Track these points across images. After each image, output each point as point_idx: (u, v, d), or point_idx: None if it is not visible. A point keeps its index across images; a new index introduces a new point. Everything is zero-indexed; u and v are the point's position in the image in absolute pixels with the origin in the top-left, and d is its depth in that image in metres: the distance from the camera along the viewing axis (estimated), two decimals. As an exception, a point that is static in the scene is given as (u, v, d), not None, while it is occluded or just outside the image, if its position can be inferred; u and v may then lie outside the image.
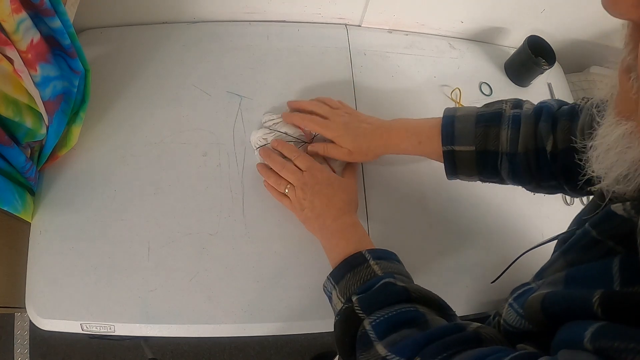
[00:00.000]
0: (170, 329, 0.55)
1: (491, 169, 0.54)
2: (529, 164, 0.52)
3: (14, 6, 0.41)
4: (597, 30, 0.83)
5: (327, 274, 0.59)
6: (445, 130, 0.55)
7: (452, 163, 0.56)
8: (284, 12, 0.76)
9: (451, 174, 0.58)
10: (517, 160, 0.52)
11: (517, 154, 0.52)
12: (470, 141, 0.53)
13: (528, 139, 0.51)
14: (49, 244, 0.57)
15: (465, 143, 0.54)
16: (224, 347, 1.25)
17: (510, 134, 0.52)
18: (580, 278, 0.30)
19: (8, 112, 0.47)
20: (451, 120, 0.55)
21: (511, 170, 0.53)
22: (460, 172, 0.56)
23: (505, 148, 0.52)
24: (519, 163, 0.52)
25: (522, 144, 0.51)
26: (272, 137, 0.65)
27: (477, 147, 0.53)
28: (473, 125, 0.53)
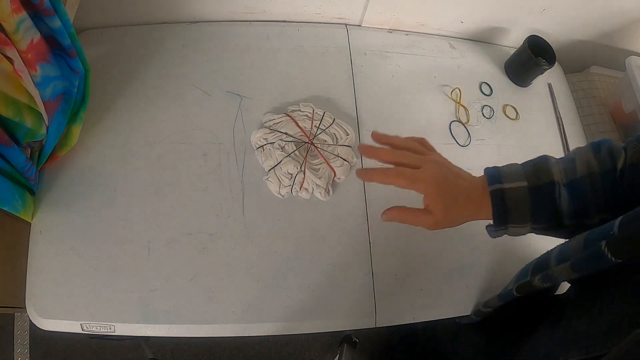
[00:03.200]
0: (170, 329, 0.55)
1: (548, 205, 0.45)
2: (595, 188, 0.44)
3: (14, 6, 0.41)
4: (597, 30, 0.83)
5: (326, 274, 0.59)
6: (489, 172, 0.48)
7: (502, 206, 0.46)
8: (284, 12, 0.76)
9: (500, 223, 0.47)
10: (579, 185, 0.45)
11: (578, 180, 0.45)
12: (520, 177, 0.46)
13: (589, 162, 0.45)
14: (49, 244, 0.57)
15: (514, 179, 0.46)
16: (224, 347, 1.25)
17: (564, 166, 0.46)
18: None
19: (8, 112, 0.47)
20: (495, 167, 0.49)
21: (572, 199, 0.45)
22: (511, 218, 0.46)
23: (560, 178, 0.45)
24: (581, 188, 0.44)
25: (582, 169, 0.45)
26: (272, 137, 0.65)
27: (529, 183, 0.46)
28: (519, 165, 0.48)
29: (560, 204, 0.45)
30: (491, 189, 0.46)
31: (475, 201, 0.48)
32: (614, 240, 0.33)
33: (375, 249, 0.62)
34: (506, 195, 0.46)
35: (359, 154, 0.68)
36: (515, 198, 0.46)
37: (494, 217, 0.47)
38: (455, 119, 0.76)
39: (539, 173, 0.46)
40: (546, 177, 0.45)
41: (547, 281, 0.42)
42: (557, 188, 0.45)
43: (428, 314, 0.61)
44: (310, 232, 0.62)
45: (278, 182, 0.62)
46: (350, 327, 0.59)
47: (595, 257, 0.35)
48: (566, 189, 0.45)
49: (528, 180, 0.46)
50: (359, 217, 0.64)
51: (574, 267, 0.38)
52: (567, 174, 0.45)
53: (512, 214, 0.46)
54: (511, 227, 0.47)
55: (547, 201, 0.45)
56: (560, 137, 0.80)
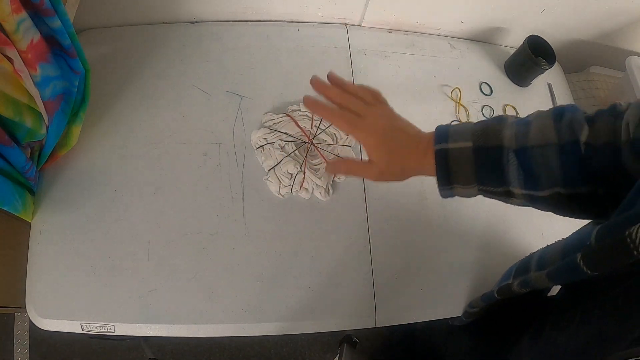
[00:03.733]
0: (170, 329, 0.55)
1: (494, 169, 0.43)
2: (547, 159, 0.41)
3: (14, 6, 0.41)
4: (597, 30, 0.83)
5: (326, 274, 0.59)
6: (438, 131, 0.47)
7: (445, 166, 0.45)
8: (284, 12, 0.76)
9: (444, 184, 0.46)
10: (529, 154, 0.41)
11: (529, 148, 0.41)
12: (467, 137, 0.44)
13: (545, 131, 0.41)
14: (49, 244, 0.57)
15: (461, 139, 0.44)
16: (224, 347, 1.25)
17: (517, 129, 0.43)
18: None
19: (8, 112, 0.47)
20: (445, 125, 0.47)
21: (521, 167, 0.42)
22: (455, 179, 0.45)
23: (511, 144, 0.42)
24: (532, 158, 0.41)
25: (536, 137, 0.41)
26: (272, 137, 0.65)
27: (474, 143, 0.43)
28: (470, 125, 0.45)
29: (507, 171, 0.43)
30: (435, 148, 0.45)
31: (418, 155, 0.47)
32: (589, 254, 0.32)
33: (375, 249, 0.62)
34: (449, 155, 0.44)
35: (359, 154, 0.68)
36: (458, 158, 0.44)
37: (437, 177, 0.45)
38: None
39: (488, 134, 0.43)
40: (495, 139, 0.43)
41: (525, 287, 0.42)
42: (505, 153, 0.42)
43: (428, 314, 0.61)
44: (310, 232, 0.62)
45: (278, 182, 0.62)
46: (350, 327, 0.59)
47: (570, 269, 0.34)
48: (515, 155, 0.42)
49: (474, 140, 0.43)
50: (359, 217, 0.64)
51: (550, 277, 0.37)
52: (519, 139, 0.42)
53: (455, 175, 0.44)
54: (456, 187, 0.45)
55: (493, 165, 0.43)
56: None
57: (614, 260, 0.30)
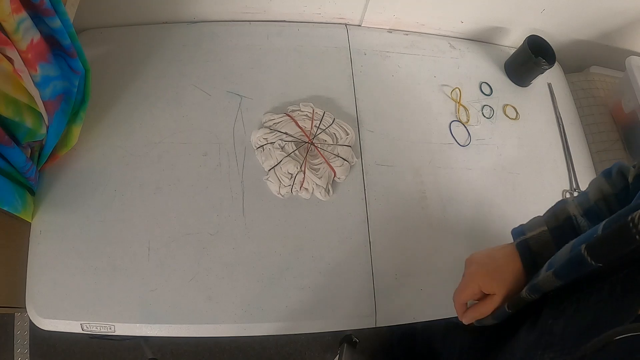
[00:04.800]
0: (170, 329, 0.55)
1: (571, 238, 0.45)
2: (611, 208, 0.46)
3: (14, 6, 0.41)
4: (597, 30, 0.83)
5: (326, 274, 0.59)
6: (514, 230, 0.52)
7: (529, 255, 0.48)
8: (284, 12, 0.76)
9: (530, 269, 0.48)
10: (594, 210, 0.47)
11: (592, 206, 0.47)
12: (541, 224, 0.49)
13: (601, 187, 0.47)
14: (49, 244, 0.57)
15: (535, 228, 0.49)
16: (224, 347, 1.25)
17: (578, 200, 0.49)
18: None
19: (8, 112, 0.47)
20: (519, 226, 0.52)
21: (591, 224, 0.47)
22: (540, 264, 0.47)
23: (578, 211, 0.48)
24: (597, 212, 0.47)
25: (594, 194, 0.47)
26: (272, 137, 0.65)
27: (549, 225, 0.49)
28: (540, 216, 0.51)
29: (581, 232, 0.46)
30: (516, 243, 0.50)
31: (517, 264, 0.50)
32: (593, 243, 0.33)
33: (375, 249, 0.62)
34: (530, 243, 0.49)
35: (359, 154, 0.68)
36: (539, 243, 0.48)
37: (524, 266, 0.48)
38: (455, 119, 0.76)
39: (557, 214, 0.49)
40: (563, 214, 0.48)
41: (534, 292, 0.42)
42: (575, 220, 0.47)
43: (428, 314, 0.61)
44: (310, 232, 0.62)
45: (278, 182, 0.62)
46: (350, 327, 0.59)
47: (576, 261, 0.35)
48: (584, 218, 0.47)
49: (548, 223, 0.49)
50: (359, 217, 0.64)
51: (557, 274, 0.38)
52: (582, 205, 0.48)
53: (539, 258, 0.48)
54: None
55: (569, 235, 0.46)
56: (560, 136, 0.80)
57: (616, 247, 0.31)
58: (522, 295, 0.44)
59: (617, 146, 0.80)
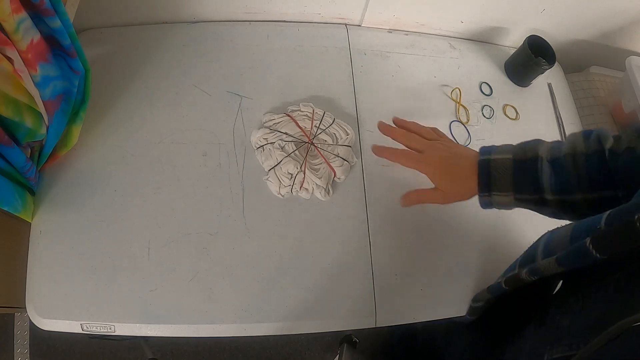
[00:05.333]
0: (170, 329, 0.55)
1: (530, 176, 0.49)
2: (577, 165, 0.47)
3: (14, 6, 0.41)
4: (597, 30, 0.83)
5: (326, 274, 0.59)
6: (482, 148, 0.54)
7: (486, 174, 0.51)
8: (284, 12, 0.76)
9: (484, 189, 0.52)
10: (562, 162, 0.48)
11: (561, 157, 0.48)
12: (508, 152, 0.51)
13: (575, 144, 0.48)
14: (49, 244, 0.57)
15: (503, 153, 0.51)
16: (224, 347, 1.25)
17: (552, 146, 0.50)
18: None
19: (8, 112, 0.47)
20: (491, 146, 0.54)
21: (554, 173, 0.48)
22: (494, 186, 0.51)
23: (546, 155, 0.49)
24: (564, 164, 0.47)
25: (567, 148, 0.48)
26: (272, 137, 0.65)
27: (514, 156, 0.50)
28: (512, 144, 0.53)
29: (541, 177, 0.48)
30: (479, 159, 0.52)
31: (474, 175, 0.53)
32: (598, 237, 0.33)
33: (375, 249, 0.62)
34: (491, 165, 0.51)
35: (359, 154, 0.68)
36: (499, 167, 0.51)
37: (478, 183, 0.52)
38: (455, 119, 0.76)
39: (526, 149, 0.50)
40: (532, 152, 0.50)
41: (534, 275, 0.42)
42: (540, 162, 0.49)
43: (428, 314, 0.61)
44: (310, 232, 0.62)
45: (278, 182, 0.62)
46: (350, 327, 0.59)
47: (580, 253, 0.35)
48: (549, 164, 0.48)
49: (514, 153, 0.51)
50: (359, 217, 0.64)
51: (560, 262, 0.38)
52: (553, 152, 0.49)
53: (495, 181, 0.51)
54: (495, 194, 0.51)
55: (529, 173, 0.49)
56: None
57: (623, 244, 0.31)
58: (521, 275, 0.44)
59: (617, 146, 0.80)
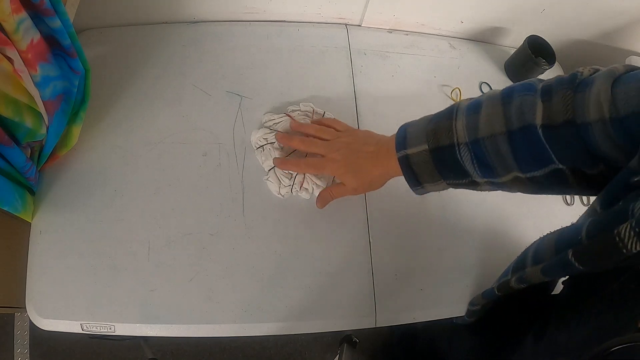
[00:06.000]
0: (170, 329, 0.55)
1: (452, 165, 0.46)
2: (497, 148, 0.42)
3: (14, 6, 0.41)
4: (597, 30, 0.83)
5: (326, 274, 0.59)
6: (397, 137, 0.50)
7: (409, 170, 0.49)
8: (284, 12, 0.76)
9: (415, 185, 0.50)
10: (481, 146, 0.43)
11: (480, 140, 0.43)
12: (422, 140, 0.47)
13: (493, 120, 0.42)
14: (49, 244, 0.57)
15: (417, 143, 0.47)
16: (224, 347, 1.25)
17: (467, 120, 0.44)
18: None
19: (8, 112, 0.47)
20: (404, 127, 0.50)
21: (475, 159, 0.44)
22: (422, 179, 0.49)
23: (463, 137, 0.44)
24: (484, 148, 0.43)
25: (485, 127, 0.42)
26: (272, 137, 0.65)
27: (429, 145, 0.46)
28: (424, 124, 0.48)
29: (464, 164, 0.45)
30: (398, 156, 0.49)
31: (382, 163, 0.52)
32: (579, 251, 0.33)
33: (375, 249, 0.62)
34: (411, 160, 0.48)
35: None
36: (419, 162, 0.48)
37: (407, 181, 0.50)
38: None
39: (440, 133, 0.46)
40: (446, 137, 0.45)
41: (522, 283, 0.42)
42: (457, 149, 0.45)
43: (428, 314, 0.61)
44: (310, 232, 0.62)
45: (278, 182, 0.62)
46: (350, 327, 0.59)
47: (563, 265, 0.35)
48: (467, 148, 0.44)
49: (428, 142, 0.46)
50: (359, 217, 0.64)
51: (544, 272, 0.38)
52: (469, 131, 0.44)
53: (421, 176, 0.48)
54: (427, 185, 0.50)
55: (450, 162, 0.46)
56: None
57: (605, 258, 0.31)
58: (511, 283, 0.44)
59: (617, 146, 0.80)
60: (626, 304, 0.33)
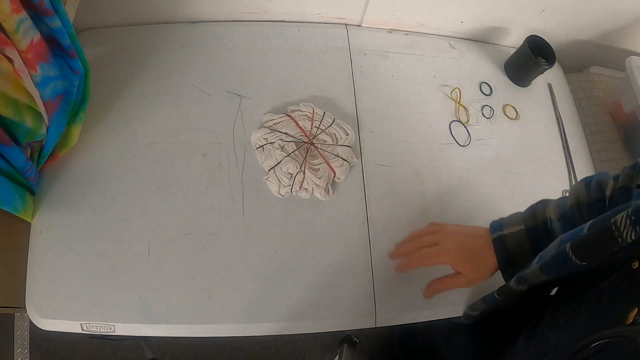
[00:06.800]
0: (170, 329, 0.55)
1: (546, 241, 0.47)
2: (582, 215, 0.48)
3: (14, 6, 0.41)
4: (597, 30, 0.83)
5: (326, 274, 0.59)
6: (492, 224, 0.53)
7: (504, 252, 0.50)
8: (284, 12, 0.76)
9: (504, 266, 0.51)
10: (569, 215, 0.48)
11: (567, 211, 0.49)
12: (519, 223, 0.51)
13: (578, 194, 0.48)
14: (49, 244, 0.57)
15: (513, 225, 0.51)
16: (224, 347, 1.25)
17: (558, 203, 0.50)
18: None
19: (8, 112, 0.47)
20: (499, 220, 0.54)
21: (564, 228, 0.48)
22: (514, 261, 0.50)
23: (554, 215, 0.49)
24: (571, 216, 0.48)
25: (572, 200, 0.49)
26: (272, 137, 0.65)
27: (526, 225, 0.50)
28: (520, 213, 0.53)
29: (555, 236, 0.47)
30: (492, 237, 0.51)
31: (492, 257, 0.52)
32: (577, 243, 0.34)
33: (375, 249, 0.62)
34: (506, 240, 0.50)
35: (359, 154, 0.68)
36: (514, 241, 0.49)
37: (498, 261, 0.50)
38: (455, 119, 0.76)
39: (535, 214, 0.50)
40: (541, 216, 0.49)
41: (522, 283, 0.42)
42: (550, 223, 0.49)
43: (428, 314, 0.61)
44: (310, 232, 0.62)
45: (278, 182, 0.62)
46: (350, 327, 0.59)
47: (561, 259, 0.35)
48: (559, 222, 0.49)
49: (525, 223, 0.50)
50: (359, 217, 0.64)
51: (542, 269, 0.38)
52: (560, 208, 0.49)
53: (514, 257, 0.49)
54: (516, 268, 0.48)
55: (544, 237, 0.48)
56: (560, 137, 0.80)
57: (600, 248, 0.32)
58: (510, 285, 0.44)
59: (617, 146, 0.80)
60: (615, 302, 0.33)
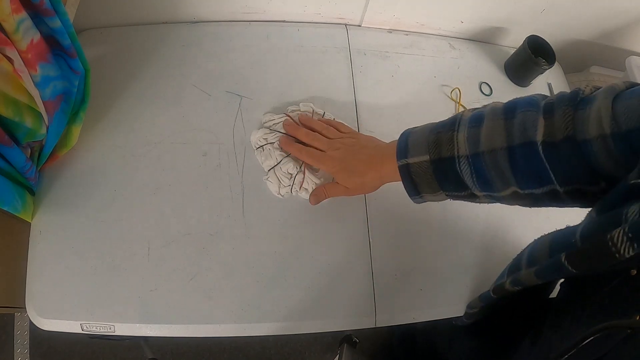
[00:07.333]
0: (170, 329, 0.55)
1: (452, 178, 0.46)
2: (497, 163, 0.42)
3: (14, 6, 0.41)
4: (597, 30, 0.83)
5: (326, 274, 0.59)
6: (399, 145, 0.50)
7: (409, 179, 0.49)
8: (284, 12, 0.76)
9: (414, 194, 0.51)
10: (481, 160, 0.43)
11: (480, 154, 0.43)
12: (423, 151, 0.47)
13: (494, 134, 0.42)
14: (49, 244, 0.57)
15: (418, 153, 0.48)
16: (224, 347, 1.25)
17: (469, 132, 0.44)
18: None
19: (8, 112, 0.47)
20: (406, 135, 0.51)
21: (475, 173, 0.44)
22: (421, 189, 0.50)
23: (464, 150, 0.44)
24: (483, 163, 0.43)
25: (486, 141, 0.43)
26: (272, 137, 0.65)
27: (431, 156, 0.47)
28: (426, 134, 0.48)
29: (463, 177, 0.45)
30: (399, 164, 0.50)
31: (376, 167, 0.54)
32: (572, 254, 0.33)
33: (375, 249, 0.62)
34: (412, 170, 0.49)
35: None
36: (420, 172, 0.48)
37: (406, 189, 0.51)
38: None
39: (441, 144, 0.46)
40: (448, 149, 0.45)
41: (516, 285, 0.42)
42: (458, 162, 0.45)
43: (428, 314, 0.61)
44: (310, 232, 0.62)
45: (278, 182, 0.62)
46: (350, 327, 0.59)
47: (556, 268, 0.35)
48: (467, 162, 0.44)
49: (430, 152, 0.47)
50: (359, 217, 0.64)
51: (538, 275, 0.38)
52: (470, 144, 0.44)
53: (421, 186, 0.49)
54: (425, 195, 0.51)
55: (451, 174, 0.46)
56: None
57: (597, 262, 0.31)
58: (505, 286, 0.44)
59: (617, 146, 0.80)
60: (617, 307, 0.33)
